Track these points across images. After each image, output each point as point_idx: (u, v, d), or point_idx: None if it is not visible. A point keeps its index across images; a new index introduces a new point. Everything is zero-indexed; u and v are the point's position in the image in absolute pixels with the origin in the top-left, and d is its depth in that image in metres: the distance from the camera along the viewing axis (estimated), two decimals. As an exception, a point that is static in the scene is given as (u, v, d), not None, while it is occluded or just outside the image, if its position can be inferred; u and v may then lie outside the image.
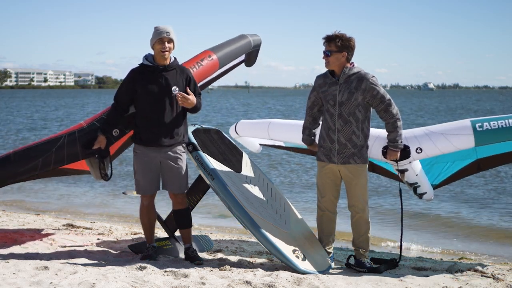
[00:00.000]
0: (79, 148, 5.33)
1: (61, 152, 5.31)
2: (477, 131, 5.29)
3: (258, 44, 6.95)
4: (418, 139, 5.45)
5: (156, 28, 5.26)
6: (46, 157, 5.28)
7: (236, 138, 6.90)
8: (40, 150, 5.32)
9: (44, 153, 5.29)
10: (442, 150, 5.45)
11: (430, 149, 5.44)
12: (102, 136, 5.33)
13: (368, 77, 5.11)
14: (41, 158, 5.28)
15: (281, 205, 5.69)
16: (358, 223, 5.28)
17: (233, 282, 4.57)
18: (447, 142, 5.39)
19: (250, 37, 6.80)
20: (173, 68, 5.29)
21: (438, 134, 5.44)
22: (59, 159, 5.32)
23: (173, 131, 5.26)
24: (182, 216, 5.46)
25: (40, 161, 5.28)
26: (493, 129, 5.27)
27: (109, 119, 5.37)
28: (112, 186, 12.85)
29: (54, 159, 5.31)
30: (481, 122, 5.32)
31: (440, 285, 4.80)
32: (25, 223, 7.95)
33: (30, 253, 5.54)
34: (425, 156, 5.50)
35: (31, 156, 5.30)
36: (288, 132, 6.23)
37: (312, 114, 5.39)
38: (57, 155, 5.30)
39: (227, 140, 6.05)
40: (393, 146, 5.24)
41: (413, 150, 5.43)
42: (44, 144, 5.37)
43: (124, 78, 5.39)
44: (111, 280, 4.47)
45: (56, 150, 5.30)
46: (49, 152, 5.29)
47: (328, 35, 5.13)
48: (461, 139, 5.34)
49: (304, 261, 5.06)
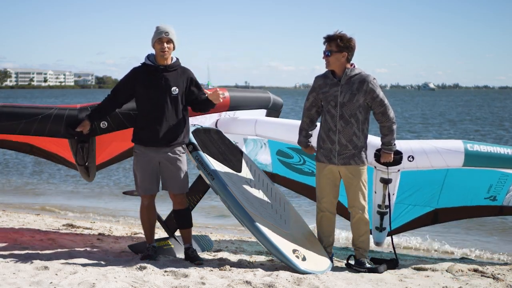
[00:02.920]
0: (63, 125, 5.32)
1: (45, 123, 5.29)
2: (468, 151, 5.55)
3: (278, 104, 6.87)
4: (412, 148, 5.61)
5: (157, 27, 5.26)
6: (30, 122, 5.26)
7: None
8: (27, 112, 5.30)
9: (30, 116, 5.28)
10: (432, 163, 5.61)
11: (421, 160, 5.59)
12: (87, 121, 5.33)
13: (370, 79, 5.11)
14: (24, 120, 5.25)
15: (281, 205, 5.69)
16: (358, 223, 5.28)
17: (233, 282, 4.57)
18: (438, 156, 5.58)
19: (272, 95, 6.78)
20: (174, 69, 5.29)
21: (431, 147, 5.64)
22: (41, 128, 5.30)
23: (173, 131, 5.25)
24: (182, 216, 5.46)
25: (23, 123, 5.25)
26: (482, 152, 5.56)
27: (100, 108, 5.38)
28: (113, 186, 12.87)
29: (36, 127, 5.29)
30: (472, 144, 5.66)
31: (440, 285, 4.80)
32: (25, 223, 7.95)
33: (30, 253, 5.54)
34: (415, 166, 5.60)
35: (15, 115, 5.27)
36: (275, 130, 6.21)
37: (309, 115, 5.37)
38: (41, 124, 5.29)
39: (227, 140, 6.04)
40: (387, 149, 5.26)
41: (405, 158, 5.53)
42: (33, 108, 5.38)
43: (125, 75, 5.39)
44: (111, 280, 4.47)
45: (41, 118, 5.29)
46: (33, 118, 5.28)
47: (329, 35, 5.13)
48: (452, 156, 5.57)
49: (304, 261, 5.06)
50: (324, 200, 5.32)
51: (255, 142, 6.83)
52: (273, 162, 6.82)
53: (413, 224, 6.39)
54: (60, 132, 5.35)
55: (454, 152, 5.57)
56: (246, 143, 6.88)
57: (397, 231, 6.41)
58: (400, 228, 6.38)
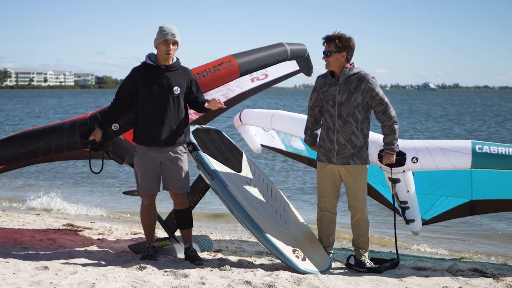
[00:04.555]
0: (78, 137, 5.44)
1: (61, 139, 5.44)
2: (476, 153, 5.26)
3: (299, 53, 6.70)
4: (416, 149, 5.43)
5: (161, 28, 5.21)
6: (47, 142, 5.42)
7: (238, 127, 6.79)
8: (43, 135, 5.47)
9: (46, 138, 5.43)
10: (437, 164, 5.40)
11: (426, 161, 5.39)
12: (98, 129, 5.41)
13: (368, 78, 5.10)
14: (42, 142, 5.42)
15: (281, 205, 5.69)
16: (358, 223, 5.28)
17: (233, 282, 4.57)
18: (444, 157, 5.35)
19: (288, 46, 6.60)
20: (175, 69, 5.29)
21: (436, 147, 5.41)
22: (59, 145, 5.46)
23: (174, 131, 5.25)
24: (182, 216, 5.46)
25: (42, 145, 5.42)
26: (492, 154, 5.23)
27: (108, 114, 5.42)
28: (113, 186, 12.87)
29: (54, 145, 5.45)
30: (482, 145, 5.31)
31: (440, 285, 4.79)
32: (25, 223, 7.95)
33: (30, 253, 5.54)
34: (420, 167, 5.44)
35: (34, 139, 5.45)
36: (290, 125, 6.19)
37: (313, 114, 5.38)
38: (58, 141, 5.44)
39: (227, 140, 6.04)
40: (389, 150, 5.23)
41: (409, 159, 5.39)
42: (47, 129, 5.53)
43: (126, 76, 5.39)
44: (111, 280, 4.47)
45: (57, 137, 5.44)
46: (50, 138, 5.43)
47: (328, 35, 5.13)
48: (458, 157, 5.31)
49: (304, 261, 5.06)
50: (325, 199, 5.31)
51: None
52: (307, 148, 6.74)
53: (450, 214, 6.33)
54: (77, 144, 5.49)
55: (461, 153, 5.30)
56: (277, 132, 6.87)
57: (434, 221, 6.39)
58: (436, 218, 6.37)
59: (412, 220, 5.98)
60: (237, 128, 6.79)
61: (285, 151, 7.07)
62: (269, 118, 6.29)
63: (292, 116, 6.27)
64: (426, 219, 6.32)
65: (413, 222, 6.01)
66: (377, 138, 5.46)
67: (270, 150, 7.25)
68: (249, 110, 6.74)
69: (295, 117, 6.20)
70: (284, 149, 7.04)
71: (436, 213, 6.32)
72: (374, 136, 5.48)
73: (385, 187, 6.29)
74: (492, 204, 6.09)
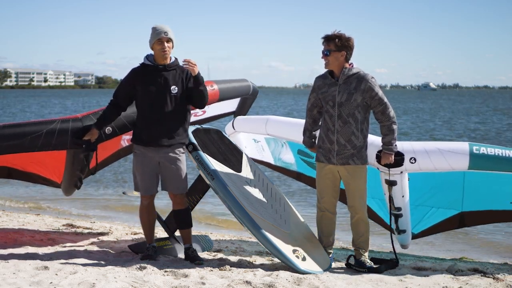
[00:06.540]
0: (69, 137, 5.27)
1: (50, 136, 5.23)
2: (473, 154, 5.28)
3: (256, 92, 7.14)
4: (414, 149, 5.44)
5: (154, 28, 5.25)
6: (35, 137, 5.19)
7: (230, 136, 6.81)
8: (31, 129, 5.24)
9: (34, 132, 5.21)
10: (435, 165, 5.41)
11: (424, 162, 5.40)
12: (95, 129, 5.32)
13: (368, 78, 5.11)
14: (29, 137, 5.18)
15: (281, 205, 5.69)
16: (357, 223, 5.29)
17: (233, 282, 4.57)
18: (442, 158, 5.37)
19: (251, 83, 6.99)
20: (173, 68, 5.29)
21: (434, 148, 5.44)
22: (47, 142, 5.23)
23: (173, 131, 5.25)
24: (182, 216, 5.46)
25: (28, 139, 5.18)
26: (489, 155, 5.26)
27: (106, 115, 5.37)
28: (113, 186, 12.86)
29: (42, 141, 5.22)
30: (479, 147, 5.34)
31: (440, 285, 4.80)
32: (25, 223, 7.95)
33: (30, 253, 5.54)
34: (418, 168, 5.44)
35: (20, 133, 5.20)
36: (285, 129, 6.20)
37: (312, 115, 5.37)
38: (46, 138, 5.22)
39: (227, 140, 6.04)
40: (387, 150, 5.23)
41: (407, 159, 5.40)
42: (36, 124, 5.32)
43: (124, 77, 5.40)
44: (111, 280, 4.47)
45: (46, 133, 5.23)
46: (39, 133, 5.22)
47: (327, 35, 5.13)
48: (456, 158, 5.33)
49: (304, 261, 5.06)
50: (324, 200, 5.32)
51: (276, 141, 6.82)
52: (296, 161, 6.76)
53: (439, 227, 6.27)
54: (67, 144, 5.30)
55: (459, 154, 5.33)
56: (267, 142, 6.88)
57: (423, 234, 6.32)
58: (426, 231, 6.30)
59: (403, 230, 5.85)
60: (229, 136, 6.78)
61: (273, 165, 7.05)
62: (264, 124, 6.31)
63: (286, 121, 6.31)
64: (416, 233, 6.21)
65: (404, 233, 5.88)
66: (374, 139, 5.46)
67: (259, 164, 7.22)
68: (242, 117, 6.76)
69: (289, 122, 6.26)
70: (273, 162, 7.03)
71: (426, 226, 6.26)
72: (371, 138, 5.47)
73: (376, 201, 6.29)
74: (482, 215, 6.08)
